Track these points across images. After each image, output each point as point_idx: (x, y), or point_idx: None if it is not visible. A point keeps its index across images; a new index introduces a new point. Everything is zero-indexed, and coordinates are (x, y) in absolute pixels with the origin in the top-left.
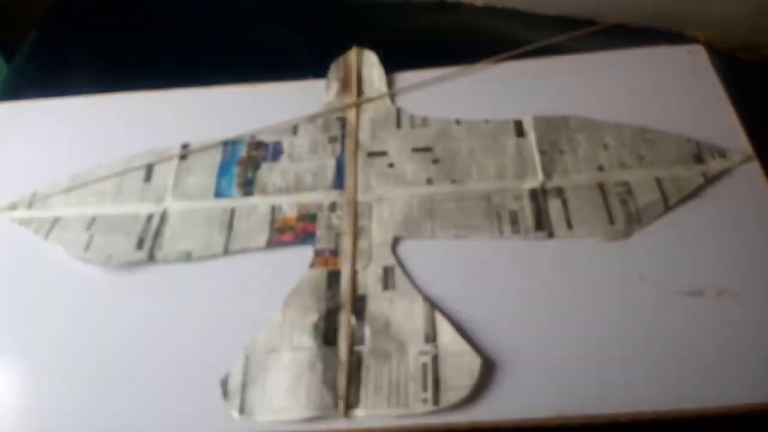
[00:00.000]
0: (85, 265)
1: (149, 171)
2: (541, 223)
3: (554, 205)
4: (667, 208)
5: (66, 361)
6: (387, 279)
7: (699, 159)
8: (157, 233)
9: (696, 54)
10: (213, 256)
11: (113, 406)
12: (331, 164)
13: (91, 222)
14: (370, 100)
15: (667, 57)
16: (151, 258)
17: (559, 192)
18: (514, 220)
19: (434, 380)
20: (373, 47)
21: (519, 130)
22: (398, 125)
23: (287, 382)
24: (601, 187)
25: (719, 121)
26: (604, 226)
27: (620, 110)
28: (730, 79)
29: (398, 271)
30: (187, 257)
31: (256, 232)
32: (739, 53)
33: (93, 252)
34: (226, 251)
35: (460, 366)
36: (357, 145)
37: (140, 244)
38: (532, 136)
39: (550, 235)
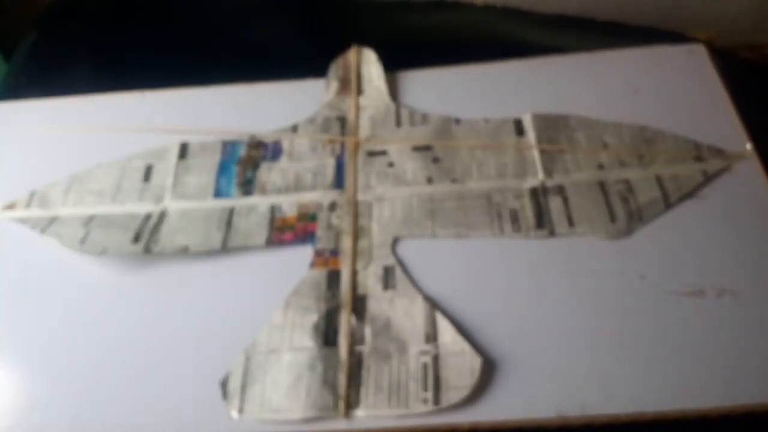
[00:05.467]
0: (83, 262)
1: (148, 170)
2: (542, 222)
3: (555, 204)
4: (668, 205)
5: (65, 361)
6: (387, 279)
7: (698, 157)
8: (154, 230)
9: (697, 53)
10: (211, 250)
11: (112, 406)
12: (330, 163)
13: (89, 220)
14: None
15: (668, 56)
16: (147, 250)
17: (560, 190)
18: (515, 219)
19: (435, 380)
20: (373, 46)
21: (519, 129)
22: (398, 124)
23: (287, 382)
24: (602, 185)
25: (720, 120)
26: (606, 223)
27: (620, 109)
28: (731, 77)
29: (398, 271)
30: (184, 251)
31: (256, 231)
32: (740, 52)
33: (89, 244)
34: (224, 246)
35: (461, 366)
36: (357, 144)
37: (137, 238)
38: (531, 135)
39: (551, 233)
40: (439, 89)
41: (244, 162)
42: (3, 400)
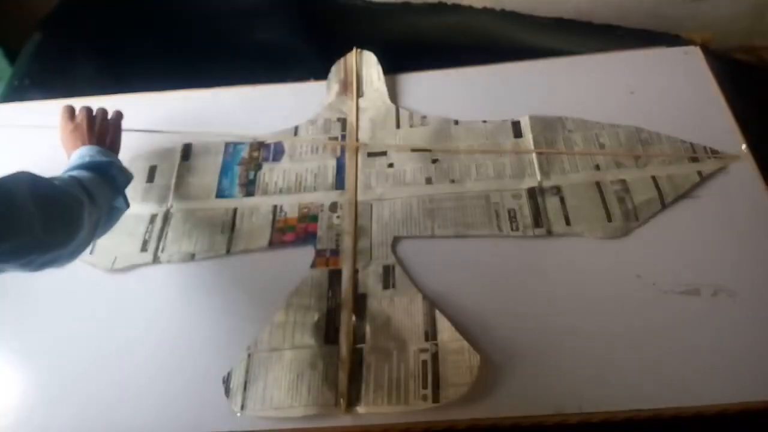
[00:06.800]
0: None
1: (151, 171)
2: (540, 221)
3: (552, 203)
4: (664, 205)
5: (69, 360)
6: (387, 278)
7: (694, 158)
8: (161, 235)
9: (692, 55)
10: (216, 256)
11: (115, 404)
12: (331, 164)
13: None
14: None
15: (664, 58)
16: (156, 260)
17: (557, 190)
18: (513, 218)
19: (434, 377)
20: (373, 48)
21: (516, 130)
22: (398, 125)
23: (289, 380)
24: (599, 186)
25: (715, 121)
26: (603, 223)
27: (617, 111)
28: (727, 79)
29: (398, 270)
30: (190, 258)
31: (258, 232)
32: (735, 54)
33: (97, 255)
34: (229, 251)
35: (460, 363)
36: (357, 145)
37: (144, 246)
38: (529, 136)
39: (549, 232)
40: (439, 91)
41: (247, 163)
42: (6, 399)
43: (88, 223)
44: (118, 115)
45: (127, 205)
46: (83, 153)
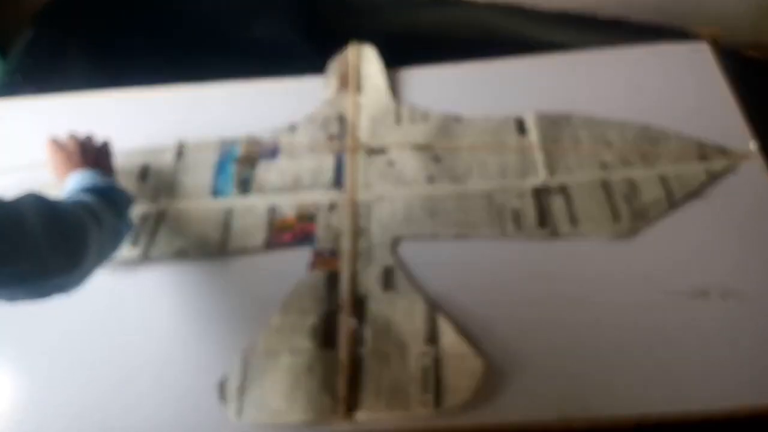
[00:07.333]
0: None
1: (145, 169)
2: (545, 221)
3: (557, 203)
4: (672, 205)
5: (64, 363)
6: (387, 279)
7: (703, 157)
8: (153, 232)
9: (701, 51)
10: (209, 254)
11: (111, 408)
12: (329, 163)
13: None
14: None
15: (672, 54)
16: (146, 256)
17: (563, 189)
18: (517, 218)
19: (435, 382)
20: (374, 43)
21: (521, 127)
22: (398, 121)
23: (286, 385)
24: (605, 185)
25: (724, 119)
26: (609, 223)
27: (623, 107)
28: (736, 76)
29: (399, 272)
30: (183, 254)
31: (254, 232)
32: (745, 50)
33: None
34: (224, 249)
35: (462, 368)
36: (356, 142)
37: (135, 241)
38: (534, 134)
39: (554, 233)
40: (441, 86)
41: (242, 161)
42: (2, 401)
43: (94, 246)
44: (105, 143)
45: (130, 227)
46: (83, 176)
